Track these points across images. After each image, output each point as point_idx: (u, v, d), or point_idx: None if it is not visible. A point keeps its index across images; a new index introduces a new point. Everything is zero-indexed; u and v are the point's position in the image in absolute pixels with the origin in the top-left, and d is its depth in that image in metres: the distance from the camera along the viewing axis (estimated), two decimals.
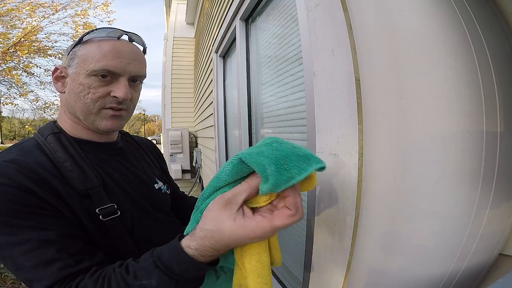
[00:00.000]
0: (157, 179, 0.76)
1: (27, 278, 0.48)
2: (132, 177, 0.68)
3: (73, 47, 0.61)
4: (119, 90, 0.59)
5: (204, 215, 0.44)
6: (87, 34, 0.60)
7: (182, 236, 0.47)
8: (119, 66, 0.59)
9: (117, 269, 0.48)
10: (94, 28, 0.61)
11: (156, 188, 0.74)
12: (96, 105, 0.59)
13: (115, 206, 0.59)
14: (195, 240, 0.44)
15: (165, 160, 0.90)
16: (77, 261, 0.49)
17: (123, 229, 0.60)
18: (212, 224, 0.42)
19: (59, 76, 0.62)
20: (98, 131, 0.64)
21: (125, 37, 0.64)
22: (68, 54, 0.61)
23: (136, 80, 0.64)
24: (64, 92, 0.62)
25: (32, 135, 0.64)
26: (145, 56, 0.68)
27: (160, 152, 0.90)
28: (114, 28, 0.62)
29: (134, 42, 0.65)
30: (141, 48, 0.67)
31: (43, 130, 0.63)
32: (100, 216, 0.57)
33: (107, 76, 0.59)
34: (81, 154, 0.61)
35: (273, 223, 0.40)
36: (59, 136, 0.61)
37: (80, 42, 0.60)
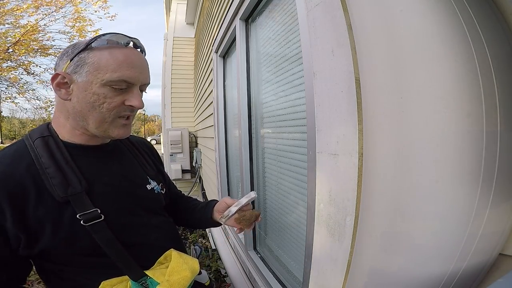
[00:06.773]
0: (150, 179, 0.76)
1: None
2: (122, 179, 0.69)
3: (79, 52, 0.57)
4: (135, 99, 0.61)
5: None
6: (94, 40, 0.58)
7: None
8: (134, 76, 0.59)
9: None
10: (98, 34, 0.59)
11: (149, 188, 0.74)
12: (111, 114, 0.60)
13: (99, 211, 0.59)
14: None
15: (162, 161, 0.91)
16: None
17: (109, 233, 0.61)
18: None
19: (61, 83, 0.59)
20: (105, 137, 0.66)
21: (130, 44, 0.63)
22: (71, 60, 0.58)
23: (143, 89, 0.65)
24: (70, 100, 0.59)
25: (22, 137, 0.64)
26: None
27: (157, 152, 0.90)
28: (117, 33, 0.60)
29: (138, 49, 0.64)
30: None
31: (33, 133, 0.63)
32: (82, 222, 0.57)
33: (124, 87, 0.59)
34: (68, 158, 0.61)
35: None
36: (47, 140, 0.61)
37: (86, 48, 0.57)
